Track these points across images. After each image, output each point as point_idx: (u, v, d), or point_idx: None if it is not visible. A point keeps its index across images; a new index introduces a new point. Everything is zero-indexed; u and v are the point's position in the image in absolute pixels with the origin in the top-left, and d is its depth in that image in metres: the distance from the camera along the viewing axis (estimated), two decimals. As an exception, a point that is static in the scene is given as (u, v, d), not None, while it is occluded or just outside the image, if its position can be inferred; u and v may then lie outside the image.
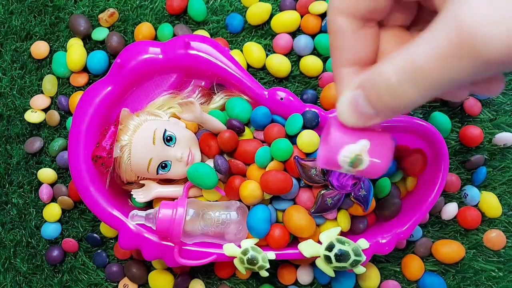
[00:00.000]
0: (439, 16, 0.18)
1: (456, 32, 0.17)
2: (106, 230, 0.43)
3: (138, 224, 0.37)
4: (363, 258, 0.35)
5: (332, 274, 0.36)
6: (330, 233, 0.36)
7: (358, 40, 0.22)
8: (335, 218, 0.37)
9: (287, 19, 0.42)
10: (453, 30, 0.17)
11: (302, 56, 0.42)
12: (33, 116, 0.43)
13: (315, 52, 0.42)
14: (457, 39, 0.17)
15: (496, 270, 0.41)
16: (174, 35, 0.43)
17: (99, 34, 0.43)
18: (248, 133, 0.38)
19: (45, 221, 0.43)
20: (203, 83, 0.40)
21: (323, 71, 0.42)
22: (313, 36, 0.42)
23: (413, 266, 0.41)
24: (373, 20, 0.23)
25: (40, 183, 0.44)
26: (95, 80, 0.43)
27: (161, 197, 0.38)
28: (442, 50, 0.17)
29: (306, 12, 0.42)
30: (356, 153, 0.23)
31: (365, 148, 0.23)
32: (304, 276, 0.41)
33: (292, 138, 0.37)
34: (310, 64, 0.41)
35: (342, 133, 0.23)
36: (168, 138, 0.36)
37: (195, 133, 0.38)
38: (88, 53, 0.43)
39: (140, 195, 0.38)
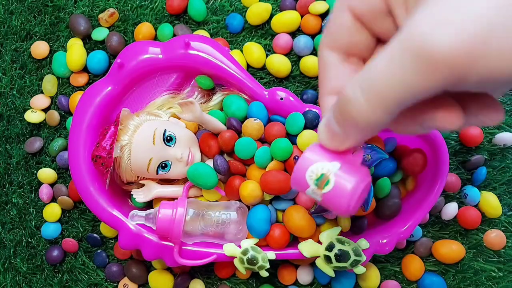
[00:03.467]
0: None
1: (404, 39, 0.17)
2: (106, 230, 0.43)
3: (138, 224, 0.37)
4: (363, 258, 0.35)
5: (332, 274, 0.36)
6: (330, 233, 0.36)
7: (341, 72, 0.24)
8: (335, 218, 0.37)
9: (287, 19, 0.42)
10: (402, 40, 0.17)
11: (302, 56, 0.42)
12: (33, 116, 0.43)
13: (314, 52, 0.42)
14: (405, 44, 0.17)
15: (496, 270, 0.41)
16: (174, 35, 0.43)
17: (99, 34, 0.43)
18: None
19: (45, 221, 0.43)
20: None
21: (323, 71, 0.42)
22: (313, 36, 0.42)
23: (413, 266, 0.41)
24: (355, 55, 0.24)
25: (40, 183, 0.44)
26: (95, 80, 0.43)
27: (161, 197, 0.38)
28: (392, 57, 0.17)
29: (306, 12, 0.42)
30: (323, 171, 0.22)
31: (334, 168, 0.22)
32: (304, 276, 0.41)
33: (292, 138, 0.37)
34: (310, 64, 0.41)
35: (314, 152, 0.23)
36: (168, 138, 0.36)
37: (195, 133, 0.38)
38: (88, 53, 0.43)
39: (140, 195, 0.38)
